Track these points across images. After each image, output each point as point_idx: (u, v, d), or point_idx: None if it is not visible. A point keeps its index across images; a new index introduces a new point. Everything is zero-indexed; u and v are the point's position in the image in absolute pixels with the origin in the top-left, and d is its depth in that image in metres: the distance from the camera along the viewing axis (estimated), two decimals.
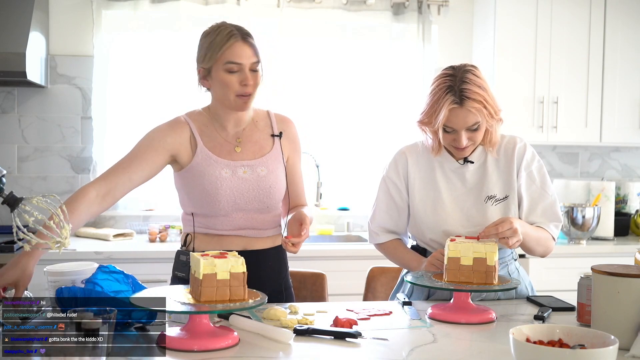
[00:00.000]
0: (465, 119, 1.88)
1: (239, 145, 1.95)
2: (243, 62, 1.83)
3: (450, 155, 2.04)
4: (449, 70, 1.92)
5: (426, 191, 2.04)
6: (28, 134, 3.62)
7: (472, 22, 3.98)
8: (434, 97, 1.90)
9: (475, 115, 1.87)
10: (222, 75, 1.84)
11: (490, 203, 2.00)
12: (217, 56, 1.83)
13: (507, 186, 2.01)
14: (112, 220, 3.68)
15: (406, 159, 2.09)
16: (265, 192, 1.93)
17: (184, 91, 3.63)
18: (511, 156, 2.02)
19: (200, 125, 1.95)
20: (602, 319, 1.54)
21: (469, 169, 2.03)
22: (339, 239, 3.76)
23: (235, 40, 1.82)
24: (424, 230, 2.04)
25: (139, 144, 1.93)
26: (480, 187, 2.01)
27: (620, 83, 3.80)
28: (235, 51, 1.82)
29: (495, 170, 2.02)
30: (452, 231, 1.99)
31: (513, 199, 2.01)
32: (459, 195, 2.02)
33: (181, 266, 1.95)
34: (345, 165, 3.93)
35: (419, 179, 2.06)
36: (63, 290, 1.55)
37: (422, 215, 2.04)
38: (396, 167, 2.11)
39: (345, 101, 3.90)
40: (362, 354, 1.48)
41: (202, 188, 1.89)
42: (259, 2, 3.74)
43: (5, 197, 1.81)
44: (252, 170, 1.92)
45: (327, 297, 2.35)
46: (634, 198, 4.03)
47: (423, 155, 2.07)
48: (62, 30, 3.64)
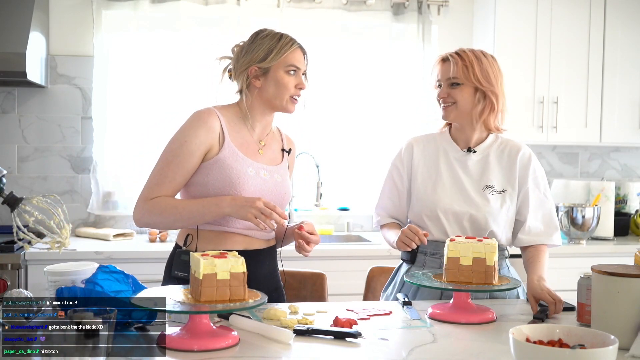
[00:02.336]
0: (447, 70, 2.09)
1: (262, 149, 2.02)
2: (301, 67, 1.98)
3: (455, 144, 2.17)
4: None
5: (429, 174, 2.16)
6: (28, 134, 3.62)
7: (472, 22, 3.98)
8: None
9: (456, 70, 2.07)
10: (282, 75, 1.95)
11: (488, 191, 2.11)
12: (279, 58, 1.94)
13: (505, 181, 2.12)
14: (112, 220, 3.69)
15: (412, 147, 2.22)
16: (280, 197, 2.00)
17: (184, 91, 3.64)
18: (514, 158, 2.13)
19: (229, 120, 1.98)
20: (602, 319, 1.54)
21: (471, 158, 2.14)
22: (339, 239, 3.76)
23: (297, 47, 1.98)
24: (422, 208, 2.12)
25: (175, 150, 1.90)
26: (480, 177, 2.12)
27: (620, 83, 3.80)
28: (297, 56, 1.97)
29: (497, 165, 2.13)
30: (448, 209, 2.08)
31: (511, 195, 2.11)
32: (458, 180, 2.13)
33: (182, 265, 1.93)
34: (345, 165, 3.93)
35: (423, 164, 2.18)
36: (63, 290, 1.55)
37: (422, 195, 2.14)
38: (401, 155, 2.23)
39: (345, 101, 3.90)
40: (362, 354, 1.48)
41: (229, 180, 1.90)
42: (259, 2, 3.74)
43: (5, 197, 1.81)
44: (270, 175, 1.99)
45: (327, 297, 2.35)
46: (634, 198, 4.03)
47: (430, 144, 2.21)
48: (62, 30, 3.64)
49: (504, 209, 2.09)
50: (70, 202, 3.63)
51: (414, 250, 2.12)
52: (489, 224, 2.07)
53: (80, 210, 3.65)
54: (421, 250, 2.13)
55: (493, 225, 2.07)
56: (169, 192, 1.89)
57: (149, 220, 1.90)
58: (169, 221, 1.88)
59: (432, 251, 2.09)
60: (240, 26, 3.67)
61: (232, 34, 3.62)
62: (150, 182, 1.90)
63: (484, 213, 2.07)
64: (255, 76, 1.96)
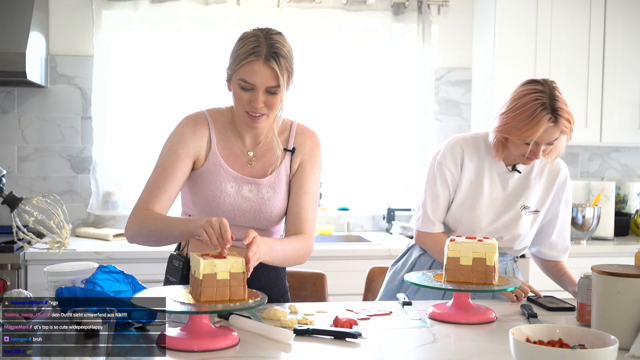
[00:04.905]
0: (553, 135, 1.94)
1: (252, 160, 1.88)
2: (256, 83, 1.72)
3: (501, 161, 2.10)
4: (537, 86, 1.98)
5: (471, 188, 2.11)
6: (28, 134, 3.62)
7: (472, 22, 3.98)
8: (527, 112, 1.93)
9: (563, 133, 1.95)
10: (236, 88, 1.77)
11: (524, 212, 2.11)
12: (235, 68, 1.75)
13: (540, 202, 2.13)
14: (112, 220, 3.69)
15: (463, 150, 2.12)
16: (265, 216, 1.87)
17: (184, 91, 3.63)
18: (554, 180, 2.13)
19: (220, 126, 1.87)
20: (602, 319, 1.54)
21: (514, 176, 2.12)
22: (339, 239, 3.76)
23: (255, 59, 1.71)
24: (457, 219, 2.12)
25: (165, 157, 1.83)
26: (519, 196, 2.11)
27: (620, 83, 3.80)
28: (252, 70, 1.71)
29: (536, 185, 2.13)
30: (483, 228, 2.09)
31: (541, 215, 2.14)
32: (496, 198, 2.11)
33: (174, 271, 1.91)
34: (345, 165, 3.93)
35: (468, 174, 2.11)
36: (63, 290, 1.55)
37: (460, 207, 2.11)
38: (454, 155, 2.11)
39: (345, 101, 3.89)
40: (362, 354, 1.48)
41: (205, 197, 1.84)
42: (259, 2, 3.74)
43: (5, 197, 1.81)
44: (257, 190, 1.85)
45: (327, 297, 2.35)
46: (634, 198, 4.03)
47: (476, 151, 2.12)
48: (62, 30, 3.64)
49: (532, 229, 2.15)
50: (70, 202, 3.62)
51: None
52: (515, 241, 2.13)
53: (80, 210, 3.65)
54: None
55: (519, 242, 2.14)
56: (162, 200, 1.78)
57: (131, 232, 1.78)
58: (146, 232, 1.75)
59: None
60: (240, 26, 3.66)
61: (232, 34, 3.60)
62: (142, 193, 1.82)
63: (516, 233, 2.11)
64: (227, 80, 1.82)
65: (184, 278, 1.87)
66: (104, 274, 1.67)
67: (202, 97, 3.58)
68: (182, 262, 1.89)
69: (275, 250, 1.72)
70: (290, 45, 1.80)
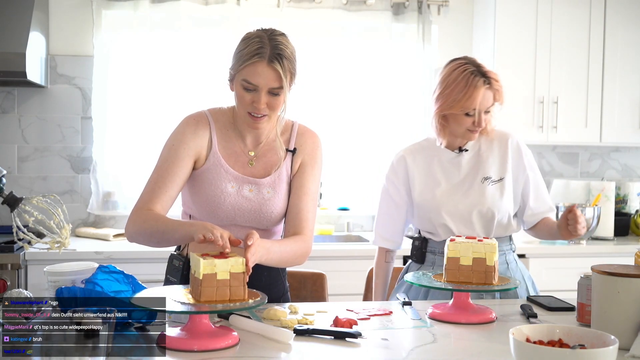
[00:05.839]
0: (489, 99, 2.05)
1: (253, 160, 1.88)
2: (259, 84, 1.73)
3: (446, 148, 2.18)
4: (461, 60, 2.08)
5: (426, 182, 2.17)
6: (28, 134, 3.62)
7: (472, 22, 3.98)
8: (462, 82, 2.02)
9: (497, 96, 2.05)
10: (238, 88, 1.77)
11: (487, 183, 2.14)
12: (238, 69, 1.76)
13: (501, 169, 2.16)
14: (112, 220, 3.69)
15: (405, 159, 2.22)
16: (266, 216, 1.87)
17: (184, 91, 3.64)
18: (505, 145, 2.17)
19: (221, 126, 1.88)
20: (602, 319, 1.54)
21: (464, 157, 2.17)
22: (339, 239, 3.76)
23: (259, 60, 1.72)
24: (427, 215, 2.15)
25: (166, 156, 1.83)
26: (476, 171, 2.16)
27: (620, 83, 3.80)
28: (255, 71, 1.72)
29: (490, 156, 2.17)
30: (453, 210, 2.11)
31: (508, 181, 2.15)
32: (456, 182, 2.16)
33: (174, 271, 1.92)
34: (345, 165, 3.93)
35: (418, 174, 2.19)
36: (63, 290, 1.55)
37: (423, 202, 2.15)
38: (394, 169, 2.23)
39: (345, 101, 3.89)
40: (362, 354, 1.48)
41: (205, 197, 1.85)
42: (259, 2, 3.74)
43: (5, 197, 1.81)
44: (258, 190, 1.85)
45: (327, 297, 2.35)
46: (634, 198, 4.03)
47: (420, 153, 2.21)
48: (62, 30, 3.64)
49: (505, 196, 2.14)
50: (70, 202, 3.62)
51: (422, 250, 2.17)
52: (494, 215, 2.12)
53: (80, 210, 3.65)
54: (430, 249, 2.16)
55: (498, 215, 2.12)
56: (163, 200, 1.78)
57: (132, 231, 1.77)
58: (147, 233, 1.74)
59: (441, 250, 2.10)
60: (240, 26, 3.66)
61: (232, 34, 3.61)
62: (142, 192, 1.82)
63: (488, 205, 2.12)
64: (230, 80, 1.83)
65: (184, 278, 1.87)
66: (104, 274, 1.67)
67: (202, 97, 3.58)
68: (182, 262, 1.90)
69: (272, 252, 1.72)
70: (294, 46, 1.81)
